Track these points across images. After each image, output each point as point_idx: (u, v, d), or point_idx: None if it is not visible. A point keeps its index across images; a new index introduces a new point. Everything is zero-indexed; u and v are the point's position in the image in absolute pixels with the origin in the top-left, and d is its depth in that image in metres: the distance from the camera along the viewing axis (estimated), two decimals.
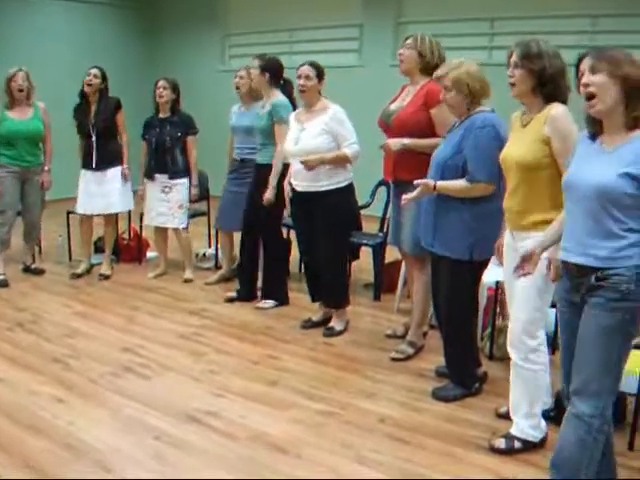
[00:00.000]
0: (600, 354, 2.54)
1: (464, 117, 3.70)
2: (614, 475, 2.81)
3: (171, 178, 6.05)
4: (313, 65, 4.73)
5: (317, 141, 4.61)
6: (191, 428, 3.55)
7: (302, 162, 4.57)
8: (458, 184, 3.61)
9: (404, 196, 3.82)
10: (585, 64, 2.50)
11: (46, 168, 6.16)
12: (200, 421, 3.62)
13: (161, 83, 5.96)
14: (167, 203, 6.10)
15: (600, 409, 2.57)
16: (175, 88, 6.00)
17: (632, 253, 2.45)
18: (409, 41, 4.38)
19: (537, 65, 3.04)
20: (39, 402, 3.80)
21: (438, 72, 3.76)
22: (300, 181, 4.76)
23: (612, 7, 7.37)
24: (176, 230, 6.23)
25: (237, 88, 5.88)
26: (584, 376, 2.59)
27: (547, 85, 3.05)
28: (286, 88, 5.40)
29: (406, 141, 4.24)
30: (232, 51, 10.78)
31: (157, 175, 6.11)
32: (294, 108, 5.34)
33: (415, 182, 3.69)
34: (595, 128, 2.58)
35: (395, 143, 4.27)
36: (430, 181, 3.65)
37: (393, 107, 4.48)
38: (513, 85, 3.12)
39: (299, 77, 4.69)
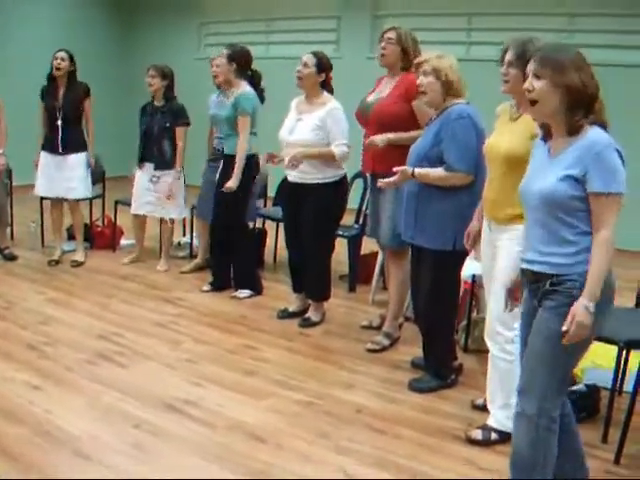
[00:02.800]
0: (546, 357, 2.56)
1: (440, 110, 3.74)
2: (585, 473, 2.86)
3: (156, 169, 6.01)
4: (315, 54, 4.68)
5: (310, 135, 4.60)
6: (169, 417, 3.55)
7: (288, 160, 4.57)
8: (437, 172, 3.66)
9: (381, 180, 3.85)
10: (530, 67, 2.49)
11: (1, 151, 6.07)
12: (178, 410, 3.62)
13: (149, 72, 5.89)
14: (154, 193, 6.06)
15: (545, 410, 2.58)
16: (165, 75, 5.91)
17: (586, 258, 2.45)
18: (391, 35, 4.37)
19: None
20: (15, 389, 3.77)
21: (420, 58, 3.79)
22: (292, 171, 4.75)
23: (589, 6, 7.46)
24: (162, 220, 6.22)
25: (215, 77, 5.84)
26: (530, 377, 2.61)
27: None
28: (254, 79, 5.41)
29: (391, 136, 4.24)
30: (208, 39, 10.71)
31: (146, 164, 6.07)
32: (262, 100, 5.39)
33: (394, 169, 3.72)
34: (545, 131, 2.60)
35: (382, 139, 4.25)
36: (408, 168, 3.69)
37: (371, 99, 4.50)
38: (506, 82, 3.12)
39: (298, 65, 4.67)
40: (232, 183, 5.18)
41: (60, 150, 5.99)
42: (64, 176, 6.06)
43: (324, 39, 9.43)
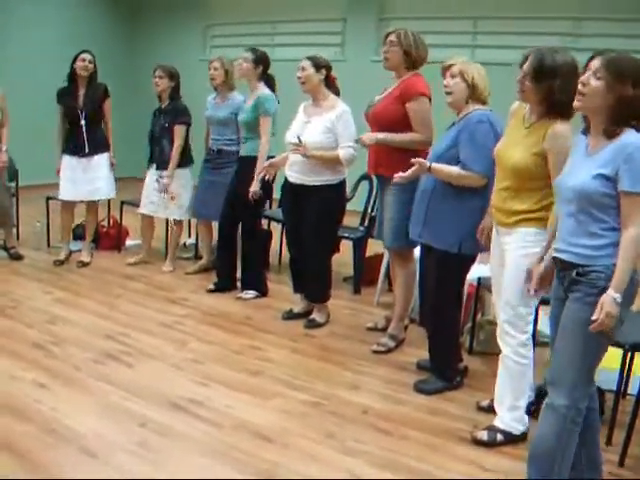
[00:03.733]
0: (575, 346, 2.62)
1: (462, 115, 3.74)
2: (599, 473, 2.89)
3: (158, 168, 6.04)
4: (310, 58, 4.72)
5: (320, 137, 4.61)
6: (176, 416, 3.56)
7: (297, 142, 4.56)
8: (452, 169, 3.66)
9: (397, 174, 3.84)
10: (594, 63, 2.53)
11: (4, 148, 6.07)
12: (185, 409, 3.64)
13: (157, 72, 5.91)
14: (159, 193, 6.07)
15: (574, 400, 2.63)
16: (172, 76, 5.93)
17: (612, 252, 2.53)
18: (392, 38, 4.37)
19: (546, 84, 3.01)
20: (22, 388, 3.79)
21: (448, 61, 3.81)
22: (294, 172, 4.77)
23: (595, 10, 7.49)
24: (169, 220, 6.24)
25: (212, 79, 5.85)
26: (559, 367, 2.68)
27: (555, 104, 3.03)
28: (269, 83, 5.43)
29: (380, 136, 4.28)
30: (213, 41, 10.75)
31: (153, 165, 6.10)
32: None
33: (412, 160, 3.71)
34: (586, 124, 2.66)
35: (370, 138, 4.30)
36: (425, 161, 3.69)
37: (376, 99, 4.52)
38: (522, 91, 3.13)
39: (297, 72, 4.70)
40: (256, 187, 5.20)
41: (86, 151, 6.00)
42: (89, 177, 6.08)
43: (329, 42, 9.48)
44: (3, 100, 6.09)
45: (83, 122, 5.94)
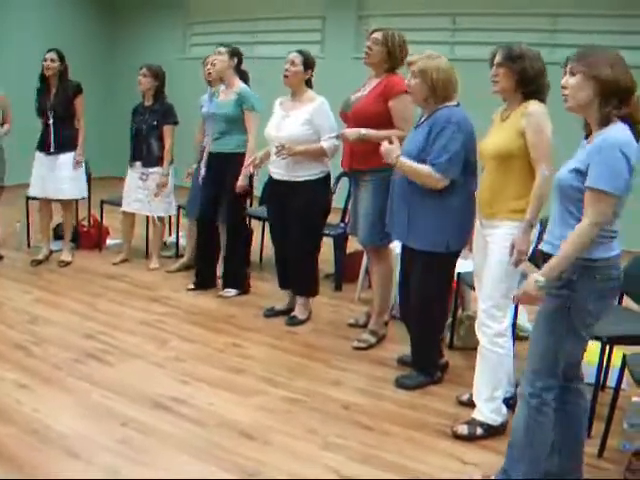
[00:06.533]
0: (540, 336, 2.69)
1: (429, 112, 3.75)
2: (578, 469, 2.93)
3: (145, 166, 6.03)
4: (301, 52, 4.73)
5: (299, 130, 4.63)
6: (158, 414, 3.56)
7: (279, 146, 4.57)
8: (420, 167, 3.62)
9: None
10: (568, 67, 2.59)
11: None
12: (167, 408, 3.64)
13: (141, 71, 5.92)
14: (144, 191, 6.07)
15: (537, 389, 2.68)
16: (157, 75, 5.94)
17: None
18: (378, 36, 4.37)
19: (519, 65, 3.18)
20: (2, 388, 3.77)
21: (411, 57, 3.80)
22: (277, 169, 4.78)
23: (571, 6, 7.56)
24: (152, 219, 6.25)
25: (209, 74, 5.78)
26: (528, 356, 2.75)
27: (528, 84, 3.20)
28: (243, 77, 5.43)
29: (363, 131, 4.28)
30: (193, 40, 10.73)
31: (136, 162, 6.09)
32: None
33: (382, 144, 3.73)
34: (587, 129, 2.68)
35: (352, 133, 4.31)
36: (398, 152, 3.68)
37: (354, 97, 4.52)
38: (496, 82, 3.26)
39: (285, 63, 4.70)
40: (243, 182, 5.21)
41: (52, 150, 5.97)
42: (55, 176, 6.04)
43: (309, 39, 9.49)
44: (4, 100, 6.10)
45: (51, 121, 5.91)
